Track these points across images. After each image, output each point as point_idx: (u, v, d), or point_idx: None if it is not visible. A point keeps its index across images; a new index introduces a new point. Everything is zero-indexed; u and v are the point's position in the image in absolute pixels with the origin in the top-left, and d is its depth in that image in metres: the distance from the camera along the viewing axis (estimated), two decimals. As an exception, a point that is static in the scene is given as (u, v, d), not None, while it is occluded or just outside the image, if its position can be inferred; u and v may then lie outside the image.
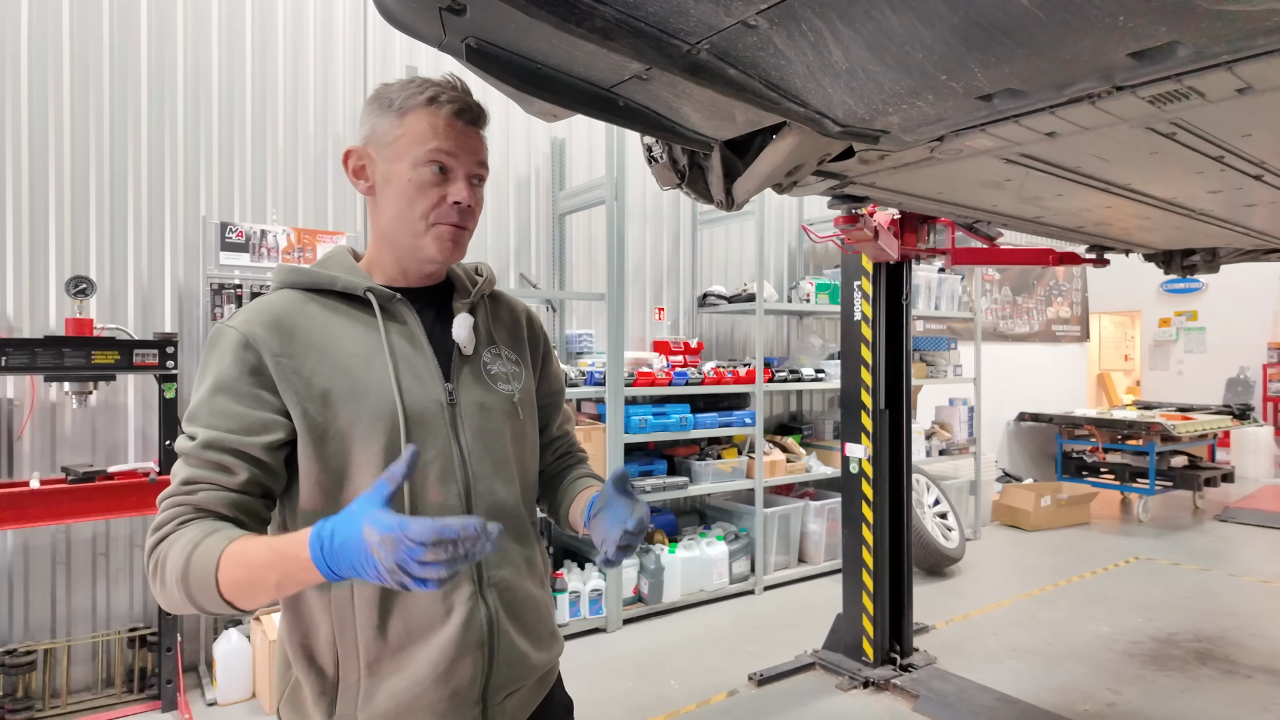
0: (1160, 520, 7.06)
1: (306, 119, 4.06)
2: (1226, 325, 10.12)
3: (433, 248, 1.14)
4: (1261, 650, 3.97)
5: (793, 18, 1.23)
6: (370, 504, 0.84)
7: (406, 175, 1.11)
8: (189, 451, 1.00)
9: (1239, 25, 1.17)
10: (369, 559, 0.81)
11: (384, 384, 1.08)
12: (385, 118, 1.14)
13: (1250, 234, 3.15)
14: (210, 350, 1.05)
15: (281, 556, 0.89)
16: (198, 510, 0.97)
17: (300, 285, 1.13)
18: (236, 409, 1.00)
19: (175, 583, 0.92)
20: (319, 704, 1.05)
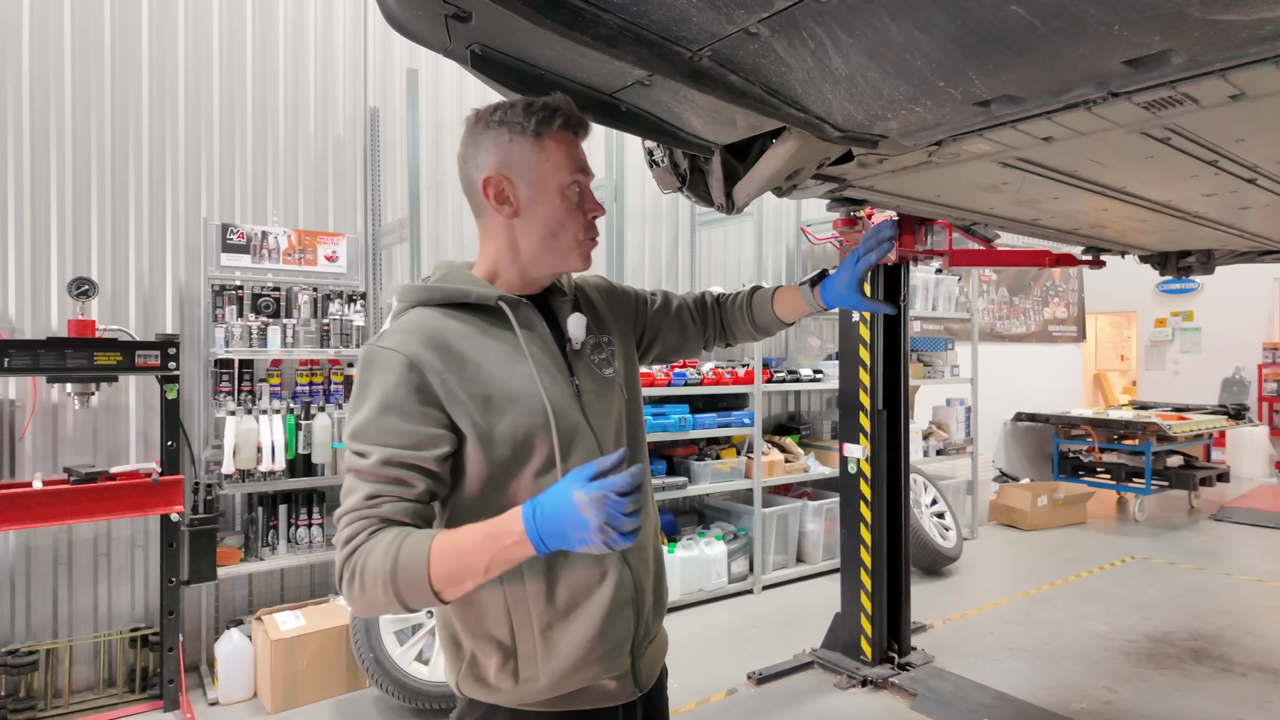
0: (1156, 520, 7.09)
1: (307, 120, 4.07)
2: (1222, 326, 10.16)
3: (578, 261, 1.27)
4: (1256, 649, 4.00)
5: (794, 26, 1.25)
6: (577, 477, 0.98)
7: (557, 200, 1.22)
8: (366, 469, 1.08)
9: (1231, 34, 1.19)
10: (579, 520, 0.95)
11: (531, 385, 1.18)
12: (521, 144, 1.21)
13: (1245, 236, 3.18)
14: (370, 371, 1.13)
15: (492, 537, 1.00)
16: (384, 521, 1.06)
17: (434, 302, 1.21)
18: (406, 427, 1.09)
19: (380, 585, 1.00)
20: (503, 672, 1.17)
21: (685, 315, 1.58)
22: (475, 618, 1.18)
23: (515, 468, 1.16)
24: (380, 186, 4.26)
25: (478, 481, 1.16)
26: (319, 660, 3.33)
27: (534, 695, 1.18)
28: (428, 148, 4.44)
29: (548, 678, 1.17)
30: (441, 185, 4.50)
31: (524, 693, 1.18)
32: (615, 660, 1.21)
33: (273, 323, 3.67)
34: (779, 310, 1.59)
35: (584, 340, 1.30)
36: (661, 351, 1.58)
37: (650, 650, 1.30)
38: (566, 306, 1.33)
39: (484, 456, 1.14)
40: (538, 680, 1.17)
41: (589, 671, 1.19)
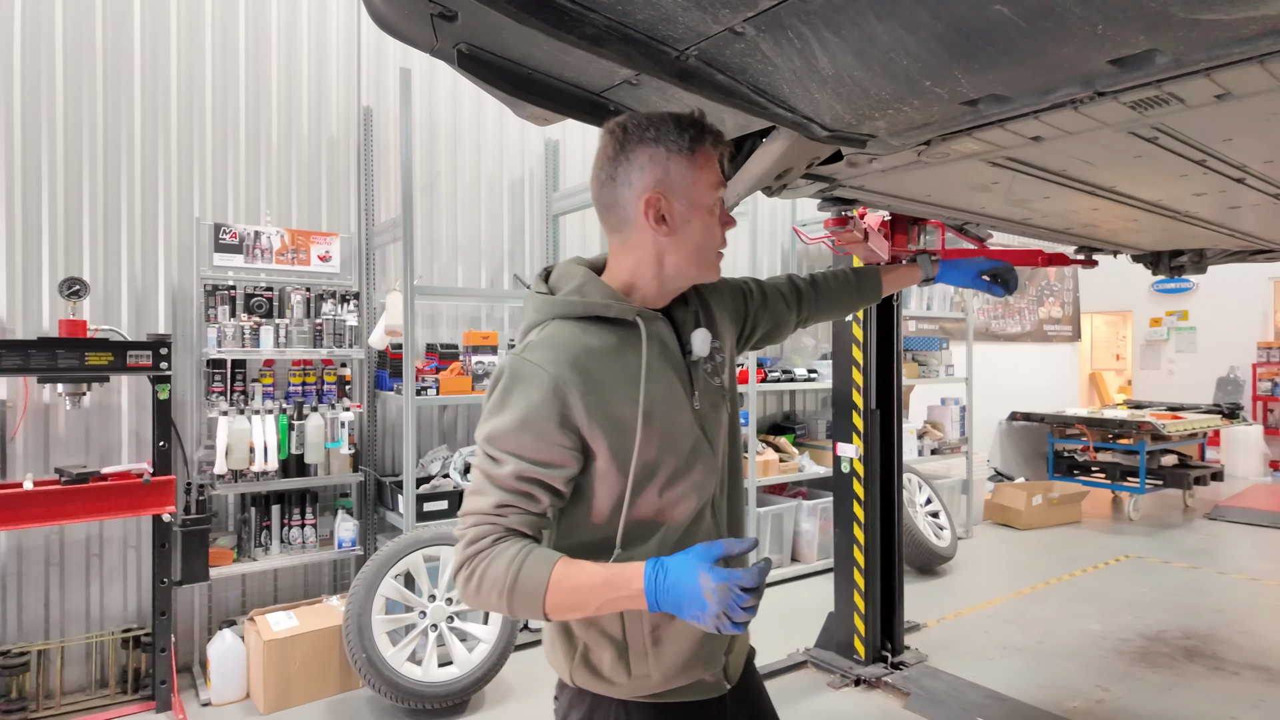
0: (1151, 519, 7.11)
1: (300, 120, 4.06)
2: (1217, 325, 10.19)
3: (714, 274, 1.32)
4: (1249, 647, 4.01)
5: (779, 25, 1.25)
6: (707, 555, 1.04)
7: (707, 216, 1.25)
8: (499, 477, 1.14)
9: (1215, 33, 1.19)
10: (700, 601, 1.01)
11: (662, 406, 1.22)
12: (678, 162, 1.22)
13: (1236, 235, 3.18)
14: (515, 382, 1.16)
15: (612, 586, 1.08)
16: (508, 531, 1.14)
17: (573, 315, 1.23)
18: (542, 445, 1.14)
19: (496, 593, 1.10)
20: (617, 666, 1.23)
21: (779, 303, 1.63)
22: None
23: (644, 483, 1.20)
24: (374, 186, 4.25)
25: (607, 497, 1.20)
26: (312, 661, 3.33)
27: (645, 690, 1.25)
28: (421, 147, 4.43)
29: (659, 674, 1.24)
30: (435, 185, 4.49)
31: (637, 687, 1.24)
32: (714, 658, 1.30)
33: (265, 323, 3.67)
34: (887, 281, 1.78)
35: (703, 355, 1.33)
36: (757, 341, 1.62)
37: (738, 644, 1.38)
38: (690, 318, 1.35)
39: (616, 474, 1.18)
40: (650, 677, 1.24)
41: (693, 671, 1.27)
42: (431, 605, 3.36)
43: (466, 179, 4.63)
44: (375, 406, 4.22)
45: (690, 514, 1.25)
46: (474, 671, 3.26)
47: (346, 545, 3.81)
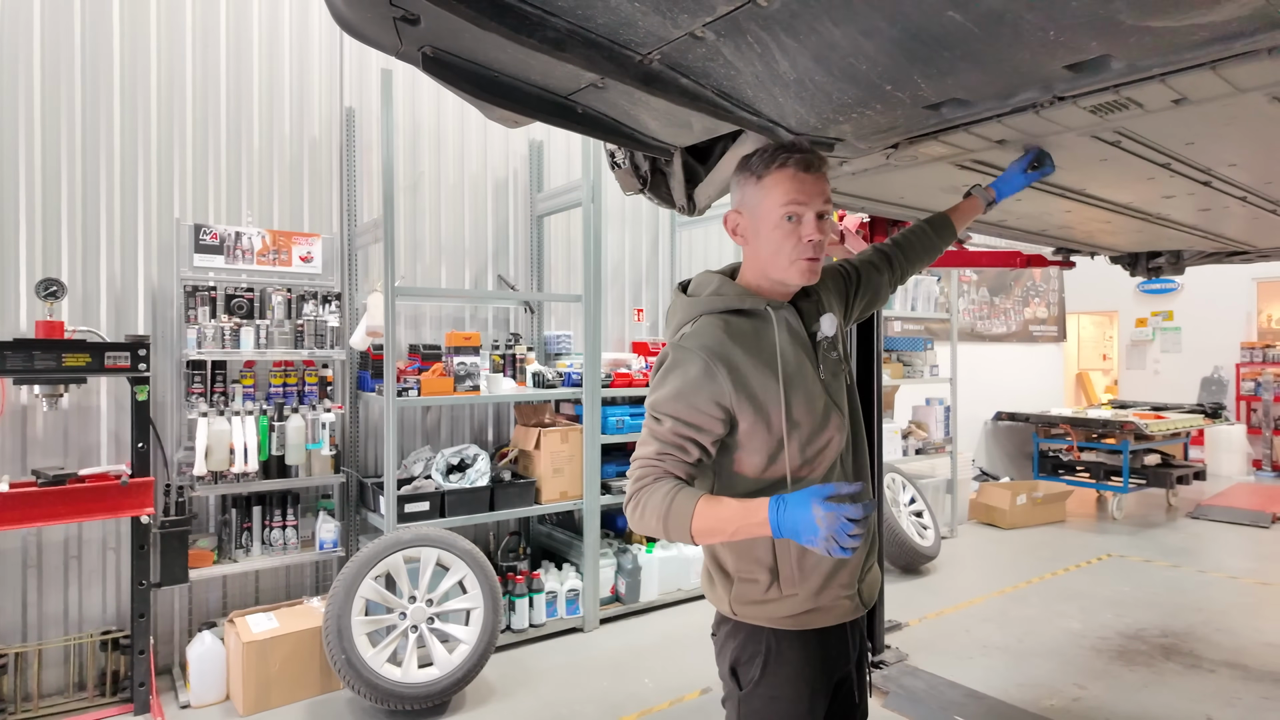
0: (1134, 518, 7.16)
1: (282, 121, 4.05)
2: (1201, 325, 10.26)
3: (797, 278, 1.49)
4: (1226, 645, 4.05)
5: (739, 30, 1.26)
6: (820, 493, 1.26)
7: (772, 227, 1.46)
8: (660, 432, 1.42)
9: (1165, 40, 1.21)
10: (812, 526, 1.24)
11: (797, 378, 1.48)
12: (750, 186, 1.48)
13: (1210, 237, 3.22)
14: (677, 363, 1.44)
15: (744, 514, 1.33)
16: (665, 473, 1.41)
17: (717, 310, 1.50)
18: (694, 412, 1.41)
19: (656, 519, 1.36)
20: (770, 590, 1.49)
21: (872, 273, 1.82)
22: (747, 547, 1.49)
23: (790, 443, 1.45)
24: (356, 187, 4.24)
25: (756, 452, 1.45)
26: (292, 662, 3.32)
27: (794, 608, 1.48)
28: (404, 148, 4.43)
29: (805, 592, 1.48)
30: (419, 186, 4.49)
31: (787, 605, 1.48)
32: (850, 582, 1.54)
33: (246, 324, 3.66)
34: (955, 219, 1.93)
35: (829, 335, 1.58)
36: (862, 310, 1.83)
37: (870, 577, 1.61)
38: (814, 307, 1.58)
39: (766, 432, 1.44)
40: (797, 595, 1.48)
41: (831, 592, 1.51)
42: (412, 607, 3.36)
43: (450, 179, 4.62)
44: (357, 408, 4.21)
45: (830, 464, 1.50)
46: (454, 672, 3.26)
47: (328, 546, 3.80)
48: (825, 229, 1.48)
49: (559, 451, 4.22)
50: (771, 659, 1.49)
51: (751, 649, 1.51)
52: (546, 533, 4.71)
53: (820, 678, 1.52)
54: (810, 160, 1.45)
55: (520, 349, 4.41)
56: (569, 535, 4.53)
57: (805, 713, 1.50)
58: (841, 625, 1.55)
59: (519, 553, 4.32)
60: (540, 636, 4.09)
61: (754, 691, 1.51)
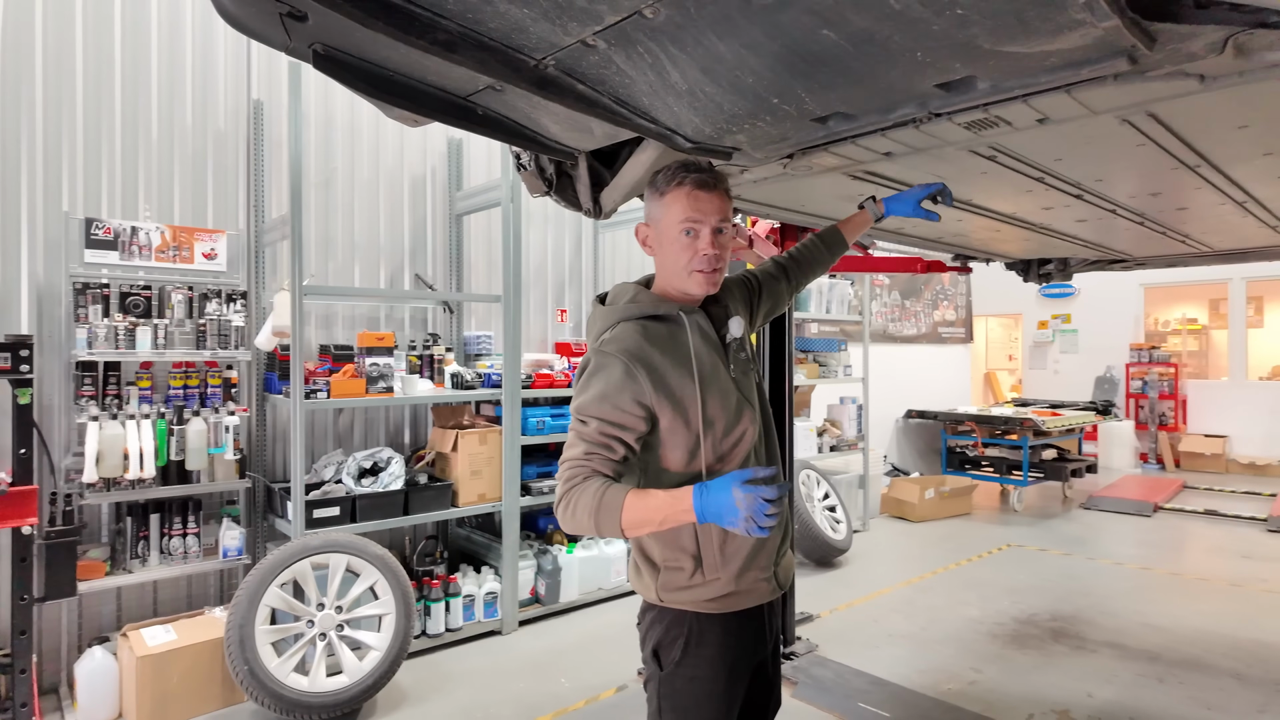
0: (1033, 509, 7.58)
1: (184, 112, 3.88)
2: (1096, 328, 10.94)
3: (694, 289, 1.60)
4: (1108, 626, 4.34)
5: (628, 40, 1.29)
6: (739, 477, 1.35)
7: (672, 240, 1.57)
8: (586, 433, 1.50)
9: (1022, 63, 1.30)
10: (733, 509, 1.33)
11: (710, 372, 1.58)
12: (655, 201, 1.59)
13: (1091, 246, 3.45)
14: (599, 368, 1.53)
15: (671, 502, 1.40)
16: (594, 471, 1.47)
17: (634, 317, 1.60)
18: (618, 412, 1.49)
19: (587, 516, 1.43)
20: (694, 576, 1.58)
21: (772, 282, 1.94)
22: (672, 535, 1.58)
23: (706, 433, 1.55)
24: (265, 182, 4.10)
25: (677, 448, 1.54)
26: (192, 676, 3.19)
27: (716, 591, 1.58)
28: (317, 143, 4.30)
29: (726, 575, 1.58)
30: (331, 182, 4.37)
31: (710, 589, 1.58)
32: (767, 565, 1.64)
33: (143, 323, 3.49)
34: (845, 231, 2.04)
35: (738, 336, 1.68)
36: (765, 315, 1.95)
37: (784, 560, 1.73)
38: (723, 312, 1.70)
39: (686, 429, 1.53)
40: (719, 579, 1.58)
41: (751, 575, 1.60)
42: (320, 614, 3.27)
43: (365, 176, 4.52)
44: (264, 410, 4.07)
45: (744, 458, 1.59)
46: (364, 680, 3.20)
47: (232, 554, 3.66)
48: (724, 244, 1.58)
49: (477, 453, 4.18)
50: (693, 640, 1.58)
51: (675, 632, 1.59)
52: (465, 535, 4.65)
53: (739, 660, 1.61)
54: (707, 180, 1.54)
55: (438, 349, 4.35)
56: (488, 538, 4.49)
57: (722, 692, 1.59)
58: (760, 609, 1.65)
59: (435, 557, 4.26)
60: (457, 640, 4.04)
61: (675, 671, 1.59)
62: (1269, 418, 9.57)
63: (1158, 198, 2.37)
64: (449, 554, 4.50)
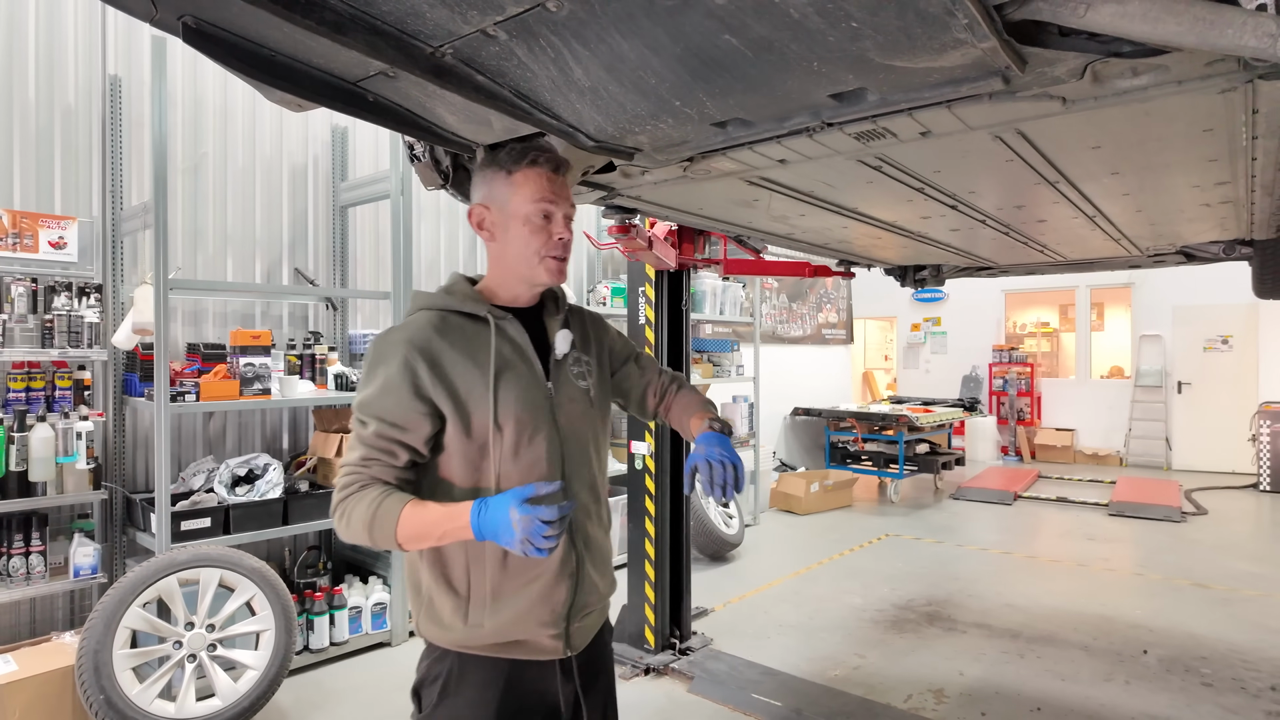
0: (909, 500, 8.06)
1: (25, 85, 3.50)
2: (963, 330, 11.77)
3: (545, 276, 1.48)
4: (975, 608, 4.67)
5: (530, 33, 1.26)
6: (520, 494, 1.25)
7: (522, 225, 1.45)
8: (365, 436, 1.37)
9: (908, 78, 1.37)
10: (509, 530, 1.23)
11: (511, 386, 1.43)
12: (499, 181, 1.47)
13: (962, 254, 3.70)
14: (378, 359, 1.40)
15: (449, 518, 1.29)
16: (372, 479, 1.35)
17: (434, 308, 1.47)
18: (399, 410, 1.36)
19: (362, 525, 1.31)
20: (456, 615, 1.41)
21: (646, 395, 1.76)
22: (441, 566, 1.43)
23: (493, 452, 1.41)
24: (122, 166, 3.76)
25: (461, 459, 1.41)
26: (35, 708, 2.87)
27: (479, 639, 1.42)
28: (184, 125, 3.99)
29: (492, 625, 1.41)
30: (201, 168, 4.06)
31: (471, 635, 1.41)
32: (552, 622, 1.45)
33: (-25, 318, 3.12)
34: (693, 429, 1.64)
35: (566, 353, 1.54)
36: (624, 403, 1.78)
37: (586, 621, 1.53)
38: (556, 323, 1.56)
39: (464, 437, 1.40)
40: (482, 626, 1.41)
41: (526, 627, 1.43)
42: (189, 634, 3.03)
43: (239, 163, 4.23)
44: (123, 414, 3.73)
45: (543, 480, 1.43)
46: (240, 701, 2.99)
47: (85, 573, 3.33)
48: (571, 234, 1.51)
49: (364, 457, 4.00)
50: (453, 683, 1.42)
51: (436, 670, 1.44)
52: (351, 545, 4.44)
53: (506, 713, 1.42)
54: (560, 162, 1.48)
55: (320, 349, 4.13)
56: (376, 545, 4.30)
57: None
58: (548, 667, 1.46)
59: (319, 568, 4.04)
60: (343, 655, 3.86)
61: (431, 715, 1.43)
62: (1108, 413, 10.60)
63: (1021, 210, 2.57)
64: (333, 564, 4.29)
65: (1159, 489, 8.02)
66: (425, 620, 1.45)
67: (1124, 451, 10.33)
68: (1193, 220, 2.81)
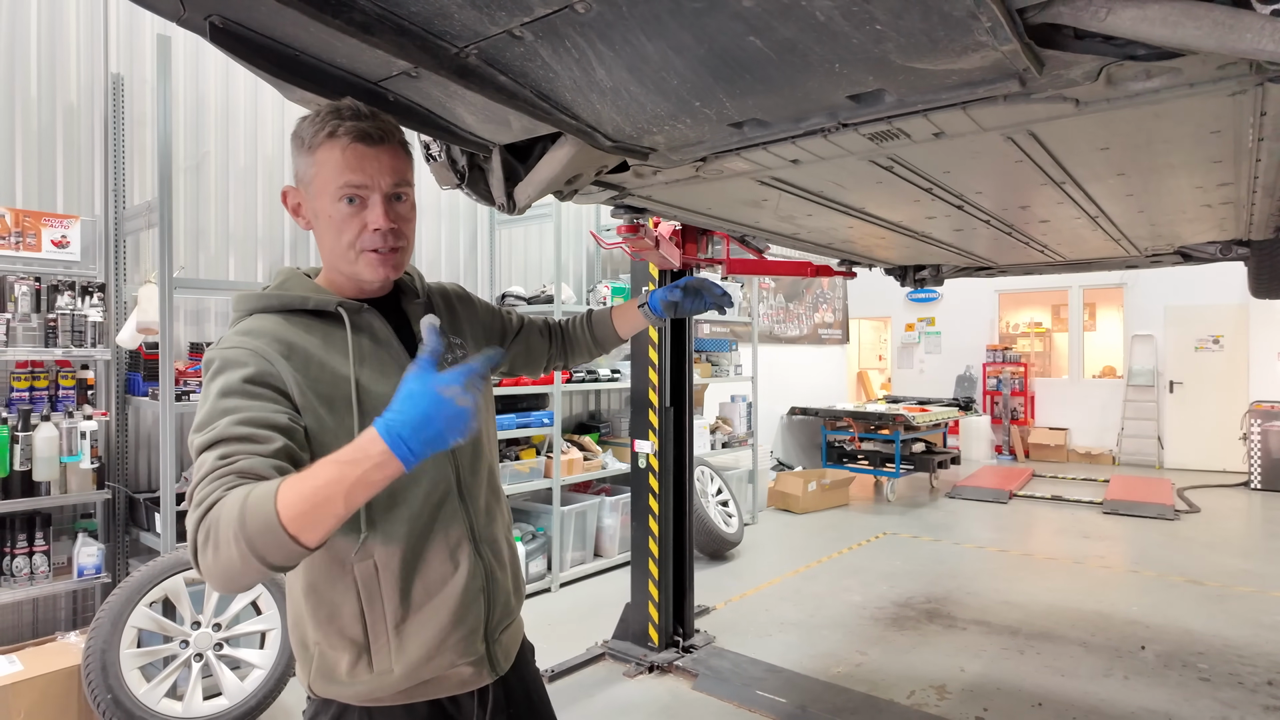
0: (905, 499, 8.10)
1: (27, 83, 3.49)
2: (957, 330, 11.83)
3: (367, 272, 1.22)
4: (974, 605, 4.70)
5: (556, 34, 1.28)
6: (425, 370, 0.94)
7: (328, 212, 1.20)
8: (213, 438, 1.02)
9: (927, 80, 1.39)
10: (457, 410, 0.91)
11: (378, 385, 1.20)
12: (302, 157, 1.21)
13: (963, 254, 3.73)
14: (219, 370, 1.11)
15: (349, 464, 0.92)
16: (241, 475, 0.98)
17: (272, 309, 1.21)
18: (251, 403, 1.07)
19: (233, 538, 0.91)
20: (355, 667, 1.19)
21: (535, 334, 1.67)
22: (327, 615, 1.19)
23: None
24: (125, 164, 3.75)
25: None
26: (41, 709, 2.87)
27: (389, 687, 1.20)
28: (187, 124, 3.98)
29: (402, 668, 1.20)
30: (203, 167, 4.06)
31: (379, 685, 1.20)
32: (470, 646, 1.26)
33: (-22, 317, 3.11)
34: (618, 325, 1.74)
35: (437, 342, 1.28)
36: (510, 366, 1.65)
37: (506, 634, 1.35)
38: (419, 309, 1.36)
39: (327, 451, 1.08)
40: (392, 672, 1.19)
41: (443, 659, 1.23)
42: (196, 633, 3.03)
43: (241, 161, 4.22)
44: (126, 414, 3.72)
45: (425, 497, 1.22)
46: (247, 701, 2.99)
47: (89, 573, 3.33)
48: (403, 214, 1.23)
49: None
50: None
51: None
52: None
53: None
54: (371, 130, 1.18)
55: (323, 348, 4.12)
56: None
57: None
58: (464, 699, 1.28)
59: (322, 566, 4.03)
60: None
61: None
62: (1101, 412, 10.68)
63: (1026, 210, 2.59)
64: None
65: (1152, 487, 8.09)
66: (318, 678, 1.21)
67: (1117, 450, 10.41)
68: (1193, 221, 2.85)
